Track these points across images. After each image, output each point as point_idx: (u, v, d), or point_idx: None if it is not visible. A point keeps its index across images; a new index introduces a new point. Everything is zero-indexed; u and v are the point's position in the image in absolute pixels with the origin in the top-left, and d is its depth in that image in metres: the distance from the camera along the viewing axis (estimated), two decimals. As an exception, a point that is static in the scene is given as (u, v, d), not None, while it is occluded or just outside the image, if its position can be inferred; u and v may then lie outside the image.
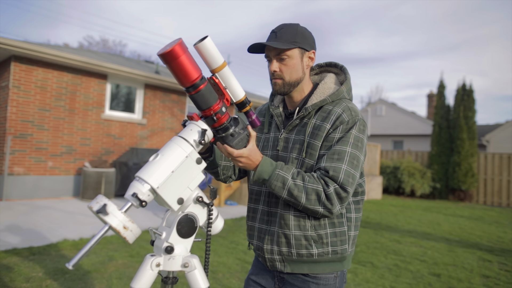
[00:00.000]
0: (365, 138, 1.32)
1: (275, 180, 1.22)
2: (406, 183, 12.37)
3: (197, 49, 1.13)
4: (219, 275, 3.64)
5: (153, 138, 9.60)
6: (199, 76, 1.10)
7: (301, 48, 1.33)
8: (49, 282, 3.22)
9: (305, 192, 1.21)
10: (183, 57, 1.05)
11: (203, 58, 1.15)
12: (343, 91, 1.37)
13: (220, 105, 1.15)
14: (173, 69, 1.06)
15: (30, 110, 7.52)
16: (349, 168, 1.23)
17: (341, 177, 1.21)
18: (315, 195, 1.20)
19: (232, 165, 1.52)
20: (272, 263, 1.36)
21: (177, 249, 1.17)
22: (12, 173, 7.31)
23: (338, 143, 1.26)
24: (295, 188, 1.21)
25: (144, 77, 8.91)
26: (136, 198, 1.04)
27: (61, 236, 4.65)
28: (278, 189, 1.22)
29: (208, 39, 1.12)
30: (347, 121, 1.28)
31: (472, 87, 12.79)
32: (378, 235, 6.04)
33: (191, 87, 1.10)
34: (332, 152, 1.25)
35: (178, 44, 1.04)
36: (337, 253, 1.32)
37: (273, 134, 1.45)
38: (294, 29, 1.32)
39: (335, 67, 1.49)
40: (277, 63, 1.32)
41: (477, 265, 4.52)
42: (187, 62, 1.06)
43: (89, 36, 42.24)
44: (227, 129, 1.17)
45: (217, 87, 1.18)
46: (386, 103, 21.55)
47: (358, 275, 3.91)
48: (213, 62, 1.15)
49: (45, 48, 7.34)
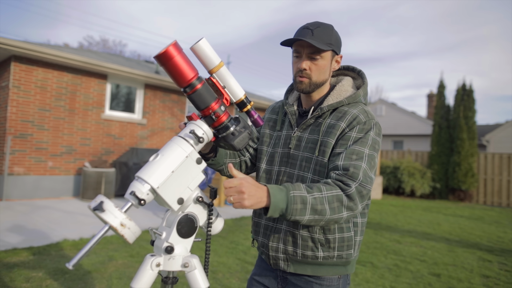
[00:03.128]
0: (380, 141, 1.32)
1: (294, 203, 1.10)
2: (406, 183, 12.37)
3: (193, 51, 1.15)
4: (219, 275, 3.64)
5: (153, 138, 9.60)
6: (195, 76, 1.11)
7: (334, 51, 1.32)
8: (49, 282, 3.22)
9: (327, 202, 1.13)
10: (177, 57, 1.07)
11: (200, 59, 1.16)
12: (360, 95, 1.37)
13: (219, 104, 1.15)
14: (169, 69, 1.08)
15: (30, 110, 7.52)
16: (367, 168, 1.22)
17: (361, 175, 1.18)
18: (337, 202, 1.14)
19: (237, 162, 1.51)
20: (276, 261, 1.36)
21: (177, 249, 1.17)
22: (12, 173, 7.32)
23: (356, 144, 1.24)
24: (317, 203, 1.12)
25: (144, 77, 8.91)
26: (134, 196, 1.04)
27: (61, 236, 4.65)
28: (300, 212, 1.10)
29: (203, 40, 1.13)
30: (364, 121, 1.27)
31: (472, 87, 12.79)
32: (378, 235, 6.04)
33: (187, 87, 1.11)
34: (351, 152, 1.22)
35: (172, 45, 1.06)
36: (342, 257, 1.31)
37: (285, 131, 1.44)
38: (330, 30, 1.31)
39: (353, 71, 1.48)
40: (309, 61, 1.30)
41: (477, 265, 4.52)
42: (182, 62, 1.08)
43: (89, 36, 42.21)
44: (228, 128, 1.17)
45: (216, 88, 1.19)
46: (386, 103, 21.56)
47: (358, 275, 3.91)
48: (210, 63, 1.16)
49: (45, 48, 7.34)
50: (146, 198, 1.06)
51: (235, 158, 1.50)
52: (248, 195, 1.06)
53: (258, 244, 1.45)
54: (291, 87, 1.55)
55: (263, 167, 1.45)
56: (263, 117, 1.57)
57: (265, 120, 1.55)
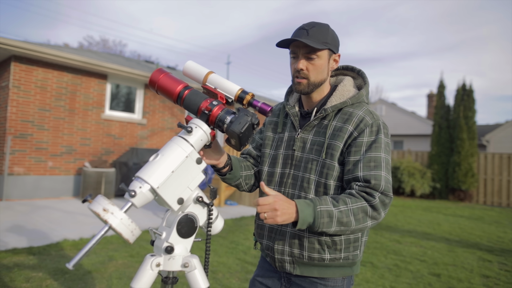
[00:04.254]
0: (390, 141, 1.33)
1: (321, 217, 1.15)
2: (406, 183, 12.36)
3: (184, 73, 1.28)
4: (219, 275, 3.64)
5: (153, 138, 9.60)
6: (182, 87, 1.20)
7: (330, 50, 1.32)
8: (49, 282, 3.22)
9: (353, 215, 1.17)
10: (162, 77, 1.21)
11: (192, 78, 1.27)
12: (363, 94, 1.36)
13: (210, 101, 1.18)
14: (159, 90, 1.22)
15: (30, 110, 7.52)
16: (386, 174, 1.23)
17: (383, 184, 1.21)
18: (362, 213, 1.18)
19: (253, 173, 1.51)
20: (281, 264, 1.35)
21: (177, 249, 1.17)
22: (12, 173, 7.32)
23: (371, 150, 1.25)
24: (343, 216, 1.17)
25: (144, 77, 8.91)
26: (133, 195, 1.04)
27: (61, 236, 4.65)
28: (326, 225, 1.16)
29: (188, 62, 1.27)
30: (371, 123, 1.28)
31: (472, 87, 12.77)
32: (378, 235, 6.04)
33: (178, 98, 1.21)
34: (368, 160, 1.23)
35: (155, 71, 1.24)
36: (348, 259, 1.31)
37: (288, 133, 1.43)
38: (325, 29, 1.30)
39: (352, 70, 1.48)
40: (305, 61, 1.30)
41: (477, 265, 4.52)
42: (167, 80, 1.21)
43: (89, 36, 42.17)
44: (224, 119, 1.17)
45: (211, 93, 1.23)
46: (386, 103, 21.56)
47: (358, 275, 3.91)
48: (200, 76, 1.25)
49: (45, 48, 7.35)
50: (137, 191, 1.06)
51: (250, 170, 1.50)
52: (281, 212, 1.11)
53: (263, 247, 1.43)
54: (291, 88, 1.54)
55: (265, 169, 1.44)
56: (264, 122, 1.57)
57: (266, 123, 1.55)
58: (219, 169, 1.38)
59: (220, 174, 1.42)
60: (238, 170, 1.43)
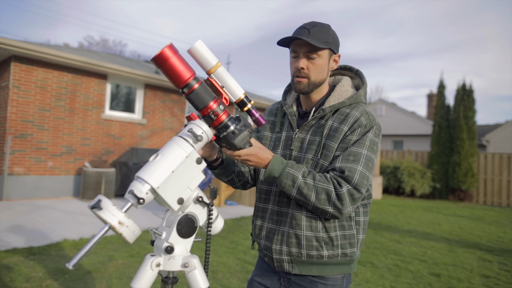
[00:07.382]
0: (379, 142, 1.32)
1: (285, 178, 1.22)
2: (406, 183, 12.37)
3: (190, 53, 1.16)
4: (219, 275, 3.64)
5: (153, 138, 9.60)
6: (192, 76, 1.11)
7: (331, 50, 1.32)
8: (49, 282, 3.22)
9: (315, 191, 1.21)
10: (173, 58, 1.08)
11: (197, 61, 1.17)
12: (361, 95, 1.36)
13: (217, 103, 1.15)
14: (165, 71, 1.09)
15: (30, 110, 7.52)
16: (364, 170, 1.23)
17: (356, 177, 1.21)
18: (325, 195, 1.20)
19: (246, 170, 1.50)
20: (280, 263, 1.35)
21: (177, 249, 1.17)
22: (12, 173, 7.32)
23: (354, 145, 1.26)
24: (305, 187, 1.21)
25: (144, 77, 8.91)
26: (133, 195, 1.04)
27: (61, 236, 4.65)
28: (288, 187, 1.22)
29: (198, 42, 1.14)
30: (365, 124, 1.28)
31: (472, 87, 12.78)
32: (378, 235, 6.04)
33: (185, 87, 1.12)
34: (348, 153, 1.25)
35: (168, 46, 1.08)
36: (346, 255, 1.31)
37: (285, 133, 1.43)
38: (327, 29, 1.31)
39: (350, 70, 1.48)
40: (306, 60, 1.30)
41: (477, 265, 4.52)
42: (178, 63, 1.09)
43: (89, 36, 42.24)
44: (228, 127, 1.16)
45: (214, 88, 1.19)
46: (386, 103, 21.56)
47: (358, 275, 3.91)
48: (207, 64, 1.16)
49: (45, 48, 7.34)
50: (145, 197, 1.06)
51: (243, 167, 1.49)
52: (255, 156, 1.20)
53: (261, 247, 1.43)
54: (289, 87, 1.53)
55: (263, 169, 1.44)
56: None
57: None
58: (210, 162, 1.37)
59: (211, 168, 1.41)
60: (230, 164, 1.43)
